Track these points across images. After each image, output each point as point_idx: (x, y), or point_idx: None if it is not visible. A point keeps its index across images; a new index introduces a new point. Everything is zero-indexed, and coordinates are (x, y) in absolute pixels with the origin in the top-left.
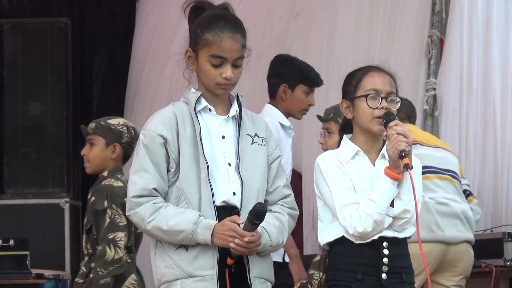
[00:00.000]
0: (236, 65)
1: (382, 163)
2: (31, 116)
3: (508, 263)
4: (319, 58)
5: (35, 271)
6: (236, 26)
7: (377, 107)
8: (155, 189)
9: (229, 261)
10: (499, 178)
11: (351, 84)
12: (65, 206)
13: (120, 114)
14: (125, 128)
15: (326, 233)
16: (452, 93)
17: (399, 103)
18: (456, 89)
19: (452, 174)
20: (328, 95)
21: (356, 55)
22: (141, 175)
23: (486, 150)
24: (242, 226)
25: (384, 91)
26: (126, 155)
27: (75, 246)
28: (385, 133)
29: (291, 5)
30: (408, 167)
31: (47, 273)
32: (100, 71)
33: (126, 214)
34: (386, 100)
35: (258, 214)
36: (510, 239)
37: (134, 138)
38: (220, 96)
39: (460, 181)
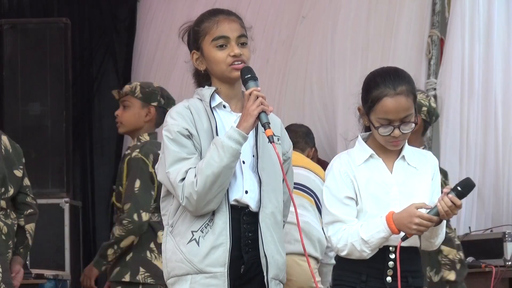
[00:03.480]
0: (242, 44)
1: (401, 164)
2: (31, 116)
3: (508, 263)
4: (323, 59)
5: (35, 271)
6: (228, 10)
7: (389, 135)
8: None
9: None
10: (500, 178)
11: (367, 101)
12: (64, 206)
13: None
14: None
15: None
16: (453, 93)
17: (415, 126)
18: (457, 89)
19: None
20: (332, 96)
21: (357, 55)
22: (179, 162)
23: (487, 150)
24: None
25: (398, 119)
26: None
27: (75, 246)
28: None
29: (298, 8)
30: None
31: (47, 273)
32: (100, 71)
33: (182, 204)
34: (399, 127)
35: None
36: (510, 239)
37: None
38: (235, 87)
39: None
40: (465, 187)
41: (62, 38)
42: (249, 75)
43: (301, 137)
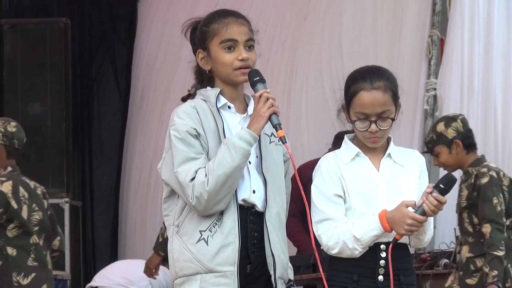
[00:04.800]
0: (249, 47)
1: (387, 162)
2: (31, 116)
3: None
4: (324, 60)
5: None
6: (237, 13)
7: (366, 130)
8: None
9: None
10: None
11: (346, 95)
12: (65, 206)
13: (122, 114)
14: None
15: None
16: (453, 93)
17: (392, 122)
18: (457, 89)
19: None
20: (334, 97)
21: (357, 55)
22: (188, 162)
23: (487, 150)
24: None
25: (374, 113)
26: None
27: (75, 246)
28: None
29: (299, 9)
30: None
31: None
32: (100, 71)
33: (192, 204)
34: (376, 123)
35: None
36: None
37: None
38: (239, 89)
39: None
40: (447, 184)
41: (62, 38)
42: (258, 78)
43: None
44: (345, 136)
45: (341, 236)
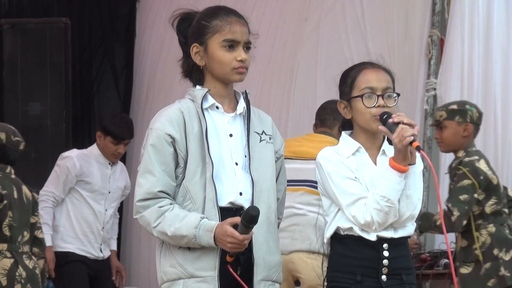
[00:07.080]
0: (247, 48)
1: (383, 160)
2: (30, 116)
3: None
4: (324, 61)
5: None
6: (238, 12)
7: (373, 106)
8: (162, 191)
9: (228, 258)
10: (500, 177)
11: (346, 83)
12: None
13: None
14: None
15: (329, 229)
16: (453, 92)
17: (397, 98)
18: (457, 88)
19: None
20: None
21: (359, 56)
22: (146, 177)
23: (487, 150)
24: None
25: (380, 88)
26: None
27: None
28: (382, 127)
29: (300, 11)
30: (419, 148)
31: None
32: (100, 71)
33: (134, 217)
34: (383, 97)
35: (251, 218)
36: None
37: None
38: (229, 87)
39: None
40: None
41: (62, 38)
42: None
43: (330, 113)
44: (343, 133)
45: (370, 206)
